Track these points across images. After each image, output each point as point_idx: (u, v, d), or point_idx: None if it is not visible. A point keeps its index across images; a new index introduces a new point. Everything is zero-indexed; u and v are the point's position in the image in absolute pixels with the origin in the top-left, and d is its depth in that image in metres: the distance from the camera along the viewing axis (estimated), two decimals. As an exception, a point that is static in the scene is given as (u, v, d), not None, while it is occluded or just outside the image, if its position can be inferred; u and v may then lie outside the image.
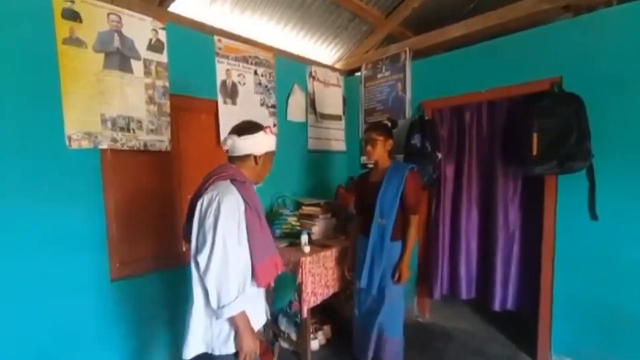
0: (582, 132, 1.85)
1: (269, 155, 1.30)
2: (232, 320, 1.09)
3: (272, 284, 1.29)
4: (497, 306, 2.37)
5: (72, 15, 1.64)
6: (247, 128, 1.23)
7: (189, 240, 1.16)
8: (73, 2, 1.64)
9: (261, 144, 1.24)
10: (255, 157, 1.23)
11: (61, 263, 1.59)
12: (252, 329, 1.13)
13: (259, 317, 1.26)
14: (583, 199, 1.93)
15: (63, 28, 1.62)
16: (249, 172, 1.24)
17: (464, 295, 2.52)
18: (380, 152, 1.86)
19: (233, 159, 1.24)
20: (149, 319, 1.91)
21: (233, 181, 1.15)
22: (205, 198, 1.10)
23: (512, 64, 2.19)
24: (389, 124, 1.93)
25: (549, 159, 1.92)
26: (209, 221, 1.06)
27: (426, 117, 2.55)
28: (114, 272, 1.77)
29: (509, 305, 2.35)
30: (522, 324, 2.40)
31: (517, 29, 2.21)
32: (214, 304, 1.06)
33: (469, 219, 2.52)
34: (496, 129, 2.38)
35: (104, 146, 1.73)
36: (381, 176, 1.86)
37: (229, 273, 1.06)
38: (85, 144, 1.67)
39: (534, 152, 1.98)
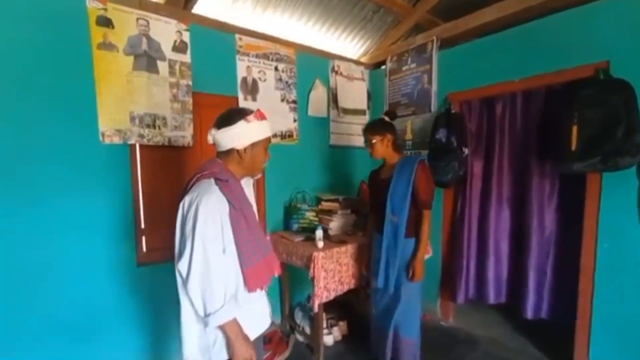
0: (631, 123, 1.63)
1: (257, 145, 1.13)
2: (222, 329, 1.03)
3: (265, 288, 1.19)
4: (529, 314, 2.18)
5: (105, 22, 1.79)
6: (226, 118, 1.10)
7: None
8: (106, 9, 1.79)
9: (243, 135, 1.09)
10: (237, 151, 1.10)
11: (93, 246, 1.77)
12: (244, 336, 1.06)
13: (258, 321, 1.19)
14: (631, 200, 1.70)
15: (97, 34, 1.77)
16: (237, 168, 1.14)
17: (492, 299, 2.36)
18: (381, 151, 1.82)
19: (219, 155, 1.14)
20: (170, 303, 2.04)
21: (216, 180, 1.06)
22: (187, 200, 1.03)
23: (551, 48, 1.97)
24: (386, 118, 1.86)
25: (591, 155, 1.72)
26: (188, 226, 1.00)
27: (452, 111, 2.40)
28: (140, 257, 1.93)
29: (543, 313, 2.15)
30: (557, 335, 2.19)
31: (557, 10, 1.98)
32: (200, 312, 1.01)
33: (499, 219, 2.34)
34: (531, 122, 2.18)
35: (132, 141, 1.87)
36: (390, 172, 1.81)
37: (211, 281, 0.99)
38: (116, 140, 1.82)
39: (573, 147, 1.78)
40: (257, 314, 1.18)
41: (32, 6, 1.57)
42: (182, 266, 1.00)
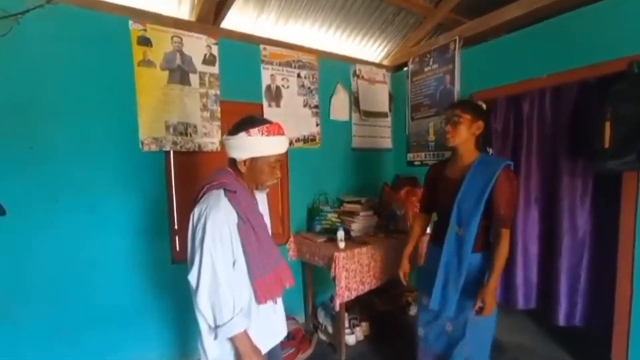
0: (670, 118, 1.53)
1: (259, 161, 1.08)
2: (231, 341, 1.04)
3: (278, 301, 1.20)
4: (561, 320, 2.08)
5: (145, 42, 1.98)
6: (235, 126, 1.09)
7: None
8: (145, 30, 1.99)
9: (243, 147, 1.06)
10: (237, 162, 1.09)
11: (133, 244, 1.95)
12: (254, 349, 1.05)
13: (272, 333, 1.20)
14: (674, 200, 1.58)
15: (138, 52, 1.97)
16: (243, 178, 1.13)
17: (521, 304, 2.27)
18: (463, 135, 1.43)
19: (228, 161, 1.15)
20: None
21: (225, 191, 1.05)
22: (196, 211, 1.04)
23: (581, 42, 1.89)
24: (483, 105, 1.52)
25: (626, 152, 1.64)
26: (197, 239, 1.01)
27: (476, 110, 2.36)
28: (175, 255, 2.09)
29: (577, 320, 2.04)
30: (592, 344, 2.06)
31: (588, 2, 1.90)
32: (210, 323, 1.02)
33: (527, 221, 2.25)
34: (561, 119, 2.09)
35: (167, 148, 2.05)
36: (463, 172, 1.45)
37: (219, 294, 0.99)
38: (154, 147, 2.01)
39: (606, 144, 1.70)
40: (271, 326, 1.18)
41: (83, 30, 1.79)
42: (191, 278, 1.01)
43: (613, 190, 1.82)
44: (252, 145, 1.06)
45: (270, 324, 1.18)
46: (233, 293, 1.03)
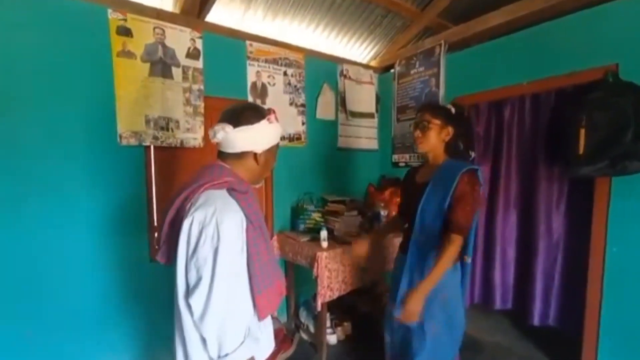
0: (640, 127, 1.60)
1: (272, 150, 1.00)
2: None
3: (275, 314, 1.14)
4: (536, 320, 2.15)
5: (125, 32, 1.91)
6: (245, 115, 0.92)
7: (167, 257, 1.01)
8: (125, 19, 1.92)
9: (264, 137, 0.95)
10: (255, 154, 0.95)
11: (110, 241, 1.88)
12: None
13: (264, 348, 1.02)
14: (642, 205, 1.66)
15: (117, 43, 1.90)
16: (247, 174, 0.97)
17: (498, 305, 2.33)
18: (433, 141, 1.38)
19: (225, 156, 0.95)
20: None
21: (231, 191, 0.88)
22: (196, 218, 0.82)
23: (560, 51, 1.96)
24: (453, 109, 1.44)
25: (599, 159, 1.70)
26: (204, 251, 0.81)
27: (459, 114, 2.40)
28: (153, 253, 2.03)
29: (550, 320, 2.12)
30: (565, 343, 2.13)
31: (565, 13, 1.97)
32: (212, 353, 0.84)
33: (506, 224, 2.31)
34: (540, 126, 2.16)
35: (147, 143, 1.98)
36: (429, 177, 1.40)
37: (233, 317, 0.83)
38: (133, 141, 1.94)
39: (580, 151, 1.76)
40: (264, 341, 1.00)
41: (58, 17, 1.71)
42: (196, 301, 0.81)
43: (586, 195, 1.89)
44: (272, 132, 0.97)
45: (263, 339, 1.01)
46: (243, 313, 0.89)
